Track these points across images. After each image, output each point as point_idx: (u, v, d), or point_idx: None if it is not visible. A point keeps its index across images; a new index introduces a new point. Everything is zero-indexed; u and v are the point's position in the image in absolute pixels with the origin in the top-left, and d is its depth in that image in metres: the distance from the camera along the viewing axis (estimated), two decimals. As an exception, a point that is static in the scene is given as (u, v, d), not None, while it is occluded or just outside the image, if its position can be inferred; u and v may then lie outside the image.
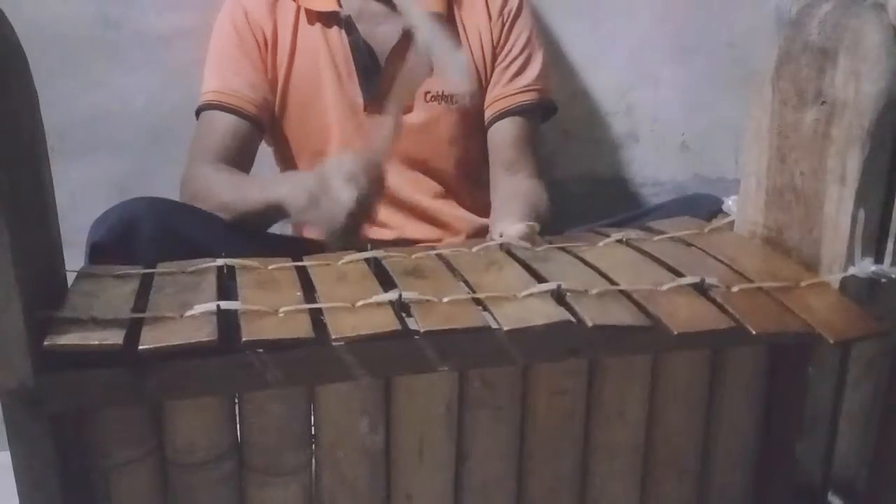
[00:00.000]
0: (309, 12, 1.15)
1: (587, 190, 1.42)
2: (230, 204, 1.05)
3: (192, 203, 1.07)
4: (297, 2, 1.15)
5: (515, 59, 1.17)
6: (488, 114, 1.18)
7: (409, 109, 1.15)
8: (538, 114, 1.20)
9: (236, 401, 0.71)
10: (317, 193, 0.92)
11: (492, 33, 1.17)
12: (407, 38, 1.13)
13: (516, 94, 1.17)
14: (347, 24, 1.13)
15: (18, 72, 0.65)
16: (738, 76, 1.38)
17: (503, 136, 1.17)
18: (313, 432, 0.73)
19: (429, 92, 1.15)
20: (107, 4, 1.23)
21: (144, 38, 1.24)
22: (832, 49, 0.74)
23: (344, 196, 0.89)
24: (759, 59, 0.85)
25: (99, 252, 0.89)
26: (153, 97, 1.27)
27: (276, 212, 1.02)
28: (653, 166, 1.43)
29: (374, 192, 0.92)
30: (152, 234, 0.91)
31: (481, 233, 1.17)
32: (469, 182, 1.22)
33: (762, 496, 0.84)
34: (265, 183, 1.08)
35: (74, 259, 0.80)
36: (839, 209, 0.75)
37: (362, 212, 0.91)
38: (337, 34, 1.15)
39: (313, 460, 0.74)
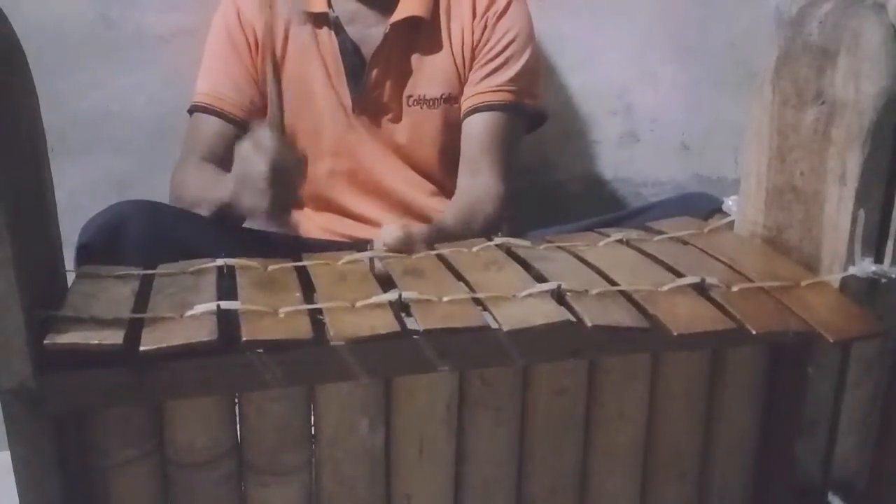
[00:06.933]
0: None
1: (587, 190, 1.42)
2: (196, 203, 1.04)
3: (175, 203, 1.07)
4: (289, 2, 1.15)
5: (494, 58, 1.16)
6: (462, 111, 1.17)
7: (396, 119, 1.16)
8: (512, 116, 1.17)
9: (236, 401, 0.71)
10: (240, 172, 0.91)
11: (473, 32, 1.16)
12: (390, 37, 1.13)
13: (487, 92, 1.15)
14: (336, 26, 1.14)
15: (19, 71, 0.65)
16: (738, 76, 1.38)
17: (469, 133, 1.16)
18: (313, 432, 0.73)
19: (410, 96, 1.16)
20: (107, 4, 1.23)
21: (144, 38, 1.25)
22: (832, 49, 0.74)
23: (258, 164, 0.88)
24: (759, 59, 0.84)
25: (85, 254, 0.89)
26: (153, 97, 1.27)
27: (228, 210, 1.00)
28: (653, 166, 1.43)
29: (288, 158, 0.91)
30: (139, 237, 0.91)
31: None
32: None
33: (762, 496, 0.84)
34: (220, 181, 1.05)
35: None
36: (839, 209, 0.75)
37: (282, 179, 0.90)
38: (327, 35, 1.15)
39: (313, 460, 0.74)
